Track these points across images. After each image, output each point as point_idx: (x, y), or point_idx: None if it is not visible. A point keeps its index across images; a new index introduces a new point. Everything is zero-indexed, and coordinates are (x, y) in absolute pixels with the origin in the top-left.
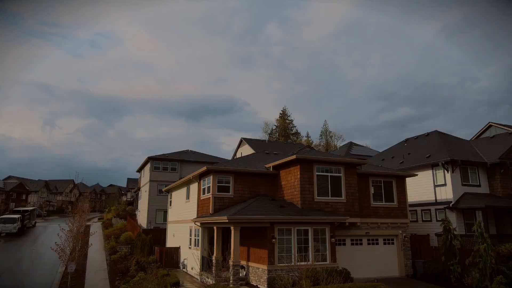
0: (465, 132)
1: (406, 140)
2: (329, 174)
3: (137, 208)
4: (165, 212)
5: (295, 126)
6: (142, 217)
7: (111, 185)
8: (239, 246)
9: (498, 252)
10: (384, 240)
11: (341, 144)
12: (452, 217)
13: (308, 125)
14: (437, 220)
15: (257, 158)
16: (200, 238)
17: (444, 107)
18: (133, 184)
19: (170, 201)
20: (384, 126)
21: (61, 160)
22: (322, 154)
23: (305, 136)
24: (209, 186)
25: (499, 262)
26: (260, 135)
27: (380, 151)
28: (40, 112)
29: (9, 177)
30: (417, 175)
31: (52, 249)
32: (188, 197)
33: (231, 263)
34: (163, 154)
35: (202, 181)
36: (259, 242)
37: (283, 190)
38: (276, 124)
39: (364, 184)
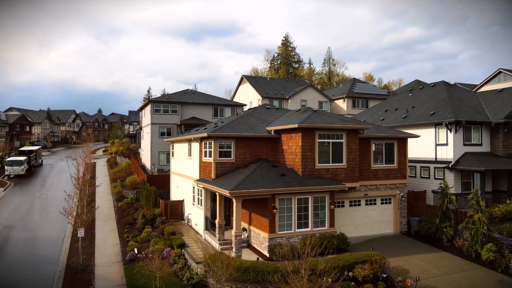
0: (473, 53)
1: (411, 90)
2: (330, 140)
3: (140, 147)
4: (168, 154)
5: (297, 54)
6: (145, 157)
7: (113, 114)
8: (240, 216)
9: (491, 213)
10: (382, 200)
11: (344, 72)
12: (450, 177)
13: (311, 47)
14: (435, 178)
15: (259, 117)
16: (203, 198)
17: (455, 27)
18: (135, 117)
19: (173, 152)
20: (390, 47)
21: (61, 84)
22: (325, 119)
23: (308, 63)
24: (211, 151)
25: (491, 224)
26: (261, 62)
27: (384, 76)
28: (35, 32)
29: (10, 109)
30: (419, 136)
31: (60, 213)
32: (190, 154)
33: (233, 233)
34: (164, 95)
35: (203, 143)
36: (260, 210)
37: (284, 154)
38: (278, 51)
39: (366, 147)
